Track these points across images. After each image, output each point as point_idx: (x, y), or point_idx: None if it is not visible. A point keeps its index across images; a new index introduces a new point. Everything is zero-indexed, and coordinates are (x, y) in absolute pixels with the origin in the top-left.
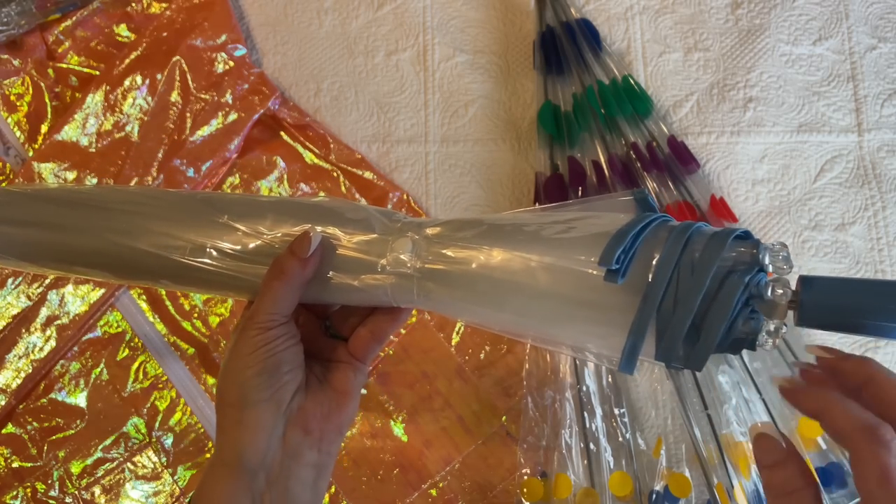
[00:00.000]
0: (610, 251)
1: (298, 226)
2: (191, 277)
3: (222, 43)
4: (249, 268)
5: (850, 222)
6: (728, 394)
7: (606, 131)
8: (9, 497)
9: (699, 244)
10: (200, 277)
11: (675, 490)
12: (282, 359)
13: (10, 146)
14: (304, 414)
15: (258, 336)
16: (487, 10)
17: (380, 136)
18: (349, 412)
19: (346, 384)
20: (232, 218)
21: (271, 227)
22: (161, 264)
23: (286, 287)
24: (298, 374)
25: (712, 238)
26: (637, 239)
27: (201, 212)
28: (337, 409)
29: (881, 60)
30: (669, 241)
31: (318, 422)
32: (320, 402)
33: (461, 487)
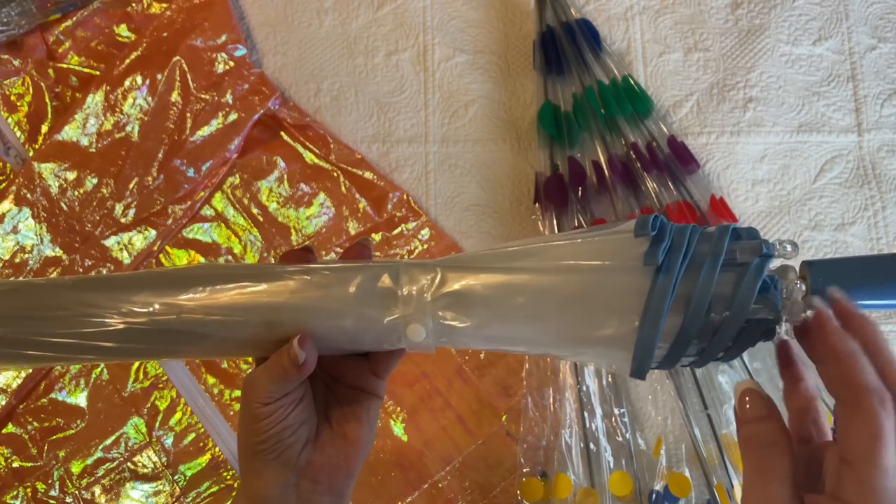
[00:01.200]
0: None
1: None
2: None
3: (222, 43)
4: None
5: (850, 222)
6: (728, 394)
7: (606, 131)
8: (9, 497)
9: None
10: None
11: (675, 490)
12: (285, 425)
13: (10, 146)
14: (313, 467)
15: (259, 409)
16: (487, 10)
17: (380, 136)
18: (359, 460)
19: (358, 432)
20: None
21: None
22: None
23: (284, 379)
24: (305, 431)
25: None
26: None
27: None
28: (346, 461)
29: (881, 60)
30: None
31: (327, 474)
32: (329, 456)
33: (461, 487)
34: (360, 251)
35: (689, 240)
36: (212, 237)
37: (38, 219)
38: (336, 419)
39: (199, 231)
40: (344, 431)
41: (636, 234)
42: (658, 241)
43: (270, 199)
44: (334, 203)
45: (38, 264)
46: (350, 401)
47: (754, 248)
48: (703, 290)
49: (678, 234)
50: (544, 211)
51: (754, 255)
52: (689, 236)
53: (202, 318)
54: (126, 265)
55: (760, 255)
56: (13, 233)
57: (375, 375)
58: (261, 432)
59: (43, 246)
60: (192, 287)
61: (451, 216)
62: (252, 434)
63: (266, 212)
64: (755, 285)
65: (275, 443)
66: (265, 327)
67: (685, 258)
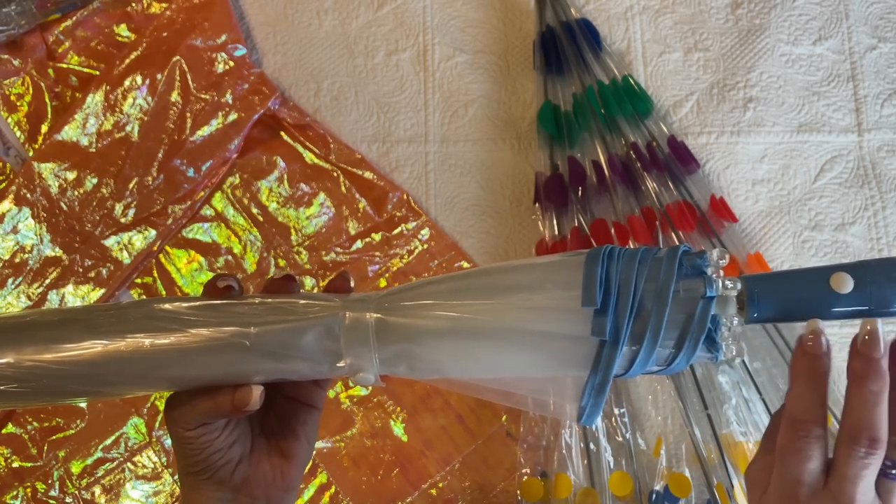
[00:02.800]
0: (589, 290)
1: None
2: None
3: (222, 43)
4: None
5: (850, 222)
6: (728, 394)
7: (606, 131)
8: (9, 497)
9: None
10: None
11: (675, 490)
12: (213, 449)
13: (10, 146)
14: (248, 484)
15: (183, 433)
16: (487, 10)
17: (380, 136)
18: (296, 473)
19: (294, 448)
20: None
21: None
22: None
23: (215, 415)
24: (237, 450)
25: (666, 261)
26: (604, 269)
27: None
28: (282, 475)
29: (881, 60)
30: (632, 267)
31: (263, 489)
32: (264, 471)
33: (461, 487)
34: (342, 285)
35: (636, 286)
36: (212, 237)
37: (37, 219)
38: (272, 434)
39: (199, 231)
40: (280, 447)
41: (583, 304)
42: (603, 312)
43: (270, 199)
44: (334, 203)
45: (37, 264)
46: (287, 413)
47: (697, 289)
48: (651, 340)
49: (624, 283)
50: (544, 211)
51: (697, 294)
52: (636, 281)
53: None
54: (126, 265)
55: (703, 297)
56: (13, 233)
57: (316, 385)
58: (189, 455)
59: (43, 246)
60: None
61: (451, 216)
62: (182, 456)
63: (266, 212)
64: (701, 331)
65: (205, 466)
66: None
67: (632, 311)
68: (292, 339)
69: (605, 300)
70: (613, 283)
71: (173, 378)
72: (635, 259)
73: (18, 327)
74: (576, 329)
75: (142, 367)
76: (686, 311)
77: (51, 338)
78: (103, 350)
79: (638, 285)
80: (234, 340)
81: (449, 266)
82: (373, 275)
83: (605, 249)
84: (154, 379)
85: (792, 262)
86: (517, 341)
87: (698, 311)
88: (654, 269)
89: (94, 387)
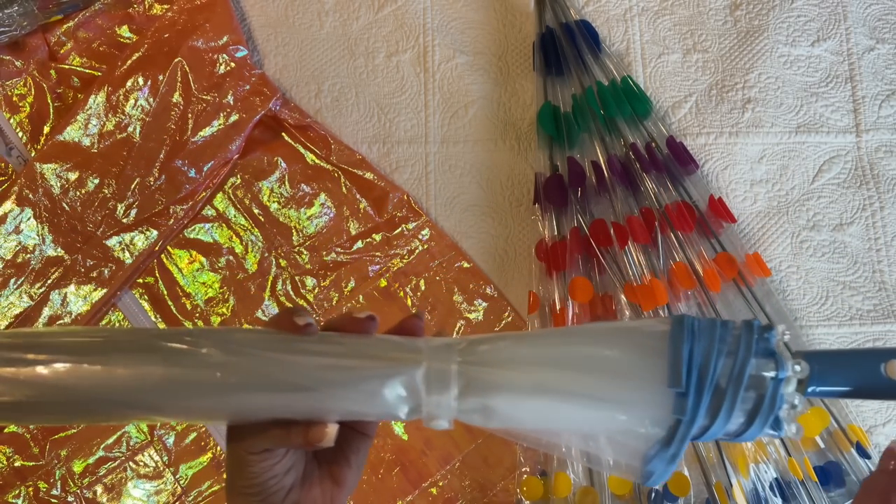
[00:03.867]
0: (675, 372)
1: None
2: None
3: (224, 44)
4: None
5: (848, 222)
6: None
7: (606, 132)
8: (11, 496)
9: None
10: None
11: (675, 489)
12: (272, 474)
13: (12, 146)
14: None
15: (246, 457)
16: (487, 11)
17: (380, 137)
18: (344, 499)
19: (346, 474)
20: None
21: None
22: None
23: (284, 445)
24: (292, 476)
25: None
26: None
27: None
28: (331, 501)
29: (879, 61)
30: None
31: None
32: (314, 497)
33: (461, 486)
34: (415, 324)
35: (715, 367)
36: (213, 237)
37: (39, 219)
38: (325, 460)
39: (201, 231)
40: (332, 473)
41: (670, 385)
42: (684, 392)
43: (271, 200)
44: (335, 203)
45: (39, 264)
46: (341, 441)
47: (769, 370)
48: (724, 417)
49: (704, 364)
50: (544, 211)
51: (769, 375)
52: (715, 361)
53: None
54: (128, 265)
55: (774, 378)
56: (15, 233)
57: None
58: (246, 478)
59: (45, 246)
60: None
61: (451, 216)
62: (238, 477)
63: (267, 212)
64: (771, 411)
65: (260, 490)
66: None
67: (711, 392)
68: (373, 387)
69: (686, 380)
70: (695, 363)
71: (245, 411)
72: (714, 338)
73: (91, 349)
74: (655, 397)
75: (209, 402)
76: (757, 390)
77: (122, 362)
78: (168, 376)
79: (717, 366)
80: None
81: (449, 266)
82: (373, 274)
83: (687, 325)
84: (221, 412)
85: (790, 261)
86: (597, 404)
87: (769, 392)
88: (732, 346)
89: (148, 411)
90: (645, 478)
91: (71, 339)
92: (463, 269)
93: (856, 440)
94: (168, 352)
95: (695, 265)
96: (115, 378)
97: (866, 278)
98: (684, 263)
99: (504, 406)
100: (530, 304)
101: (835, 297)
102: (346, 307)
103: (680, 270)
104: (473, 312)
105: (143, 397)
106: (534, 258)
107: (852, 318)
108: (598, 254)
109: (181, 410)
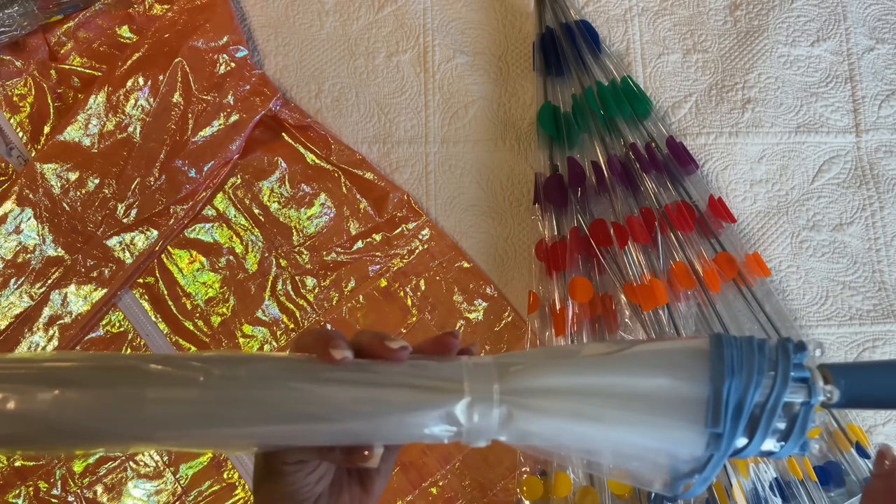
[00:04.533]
0: (716, 415)
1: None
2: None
3: (224, 44)
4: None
5: (848, 222)
6: None
7: (606, 132)
8: (11, 495)
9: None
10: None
11: None
12: (306, 482)
13: (12, 146)
14: None
15: (283, 467)
16: (487, 11)
17: (380, 137)
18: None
19: (375, 482)
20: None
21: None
22: None
23: (324, 459)
24: (324, 484)
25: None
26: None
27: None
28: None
29: (879, 61)
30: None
31: None
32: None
33: (461, 486)
34: (450, 343)
35: (751, 400)
36: (213, 237)
37: (40, 219)
38: (354, 470)
39: (201, 231)
40: (361, 481)
41: (708, 426)
42: (721, 434)
43: (272, 200)
44: (335, 203)
45: (40, 264)
46: None
47: (802, 396)
48: (756, 444)
49: (742, 400)
50: (544, 211)
51: (801, 400)
52: (752, 394)
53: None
54: (128, 265)
55: (805, 403)
56: (15, 233)
57: None
58: (282, 485)
59: (45, 246)
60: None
61: (451, 216)
62: (271, 483)
63: (267, 212)
64: (802, 434)
65: (291, 497)
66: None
67: (745, 423)
68: (416, 420)
69: (724, 421)
70: (732, 399)
71: (279, 441)
72: (753, 370)
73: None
74: (692, 435)
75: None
76: (788, 414)
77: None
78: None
79: (753, 398)
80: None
81: (449, 266)
82: (373, 274)
83: (727, 357)
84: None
85: (790, 261)
86: (635, 432)
87: (800, 417)
88: (768, 377)
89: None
90: (676, 494)
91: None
92: (463, 269)
93: (855, 440)
94: (201, 382)
95: (695, 265)
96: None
97: (866, 278)
98: (684, 263)
99: (543, 430)
100: (530, 304)
101: (834, 297)
102: (346, 307)
103: (680, 270)
104: (473, 312)
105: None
106: (534, 258)
107: (852, 318)
108: (598, 254)
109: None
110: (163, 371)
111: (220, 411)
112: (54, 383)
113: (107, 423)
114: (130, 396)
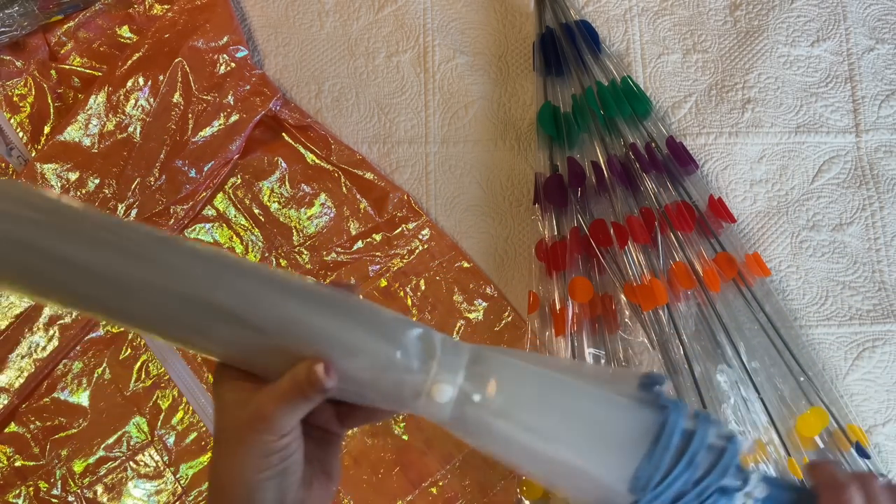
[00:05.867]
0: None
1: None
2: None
3: (224, 44)
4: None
5: (848, 222)
6: (727, 393)
7: (606, 132)
8: (11, 496)
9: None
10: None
11: None
12: (293, 461)
13: (12, 147)
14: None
15: (275, 443)
16: (487, 11)
17: (380, 137)
18: (333, 493)
19: (334, 468)
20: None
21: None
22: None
23: (310, 404)
24: (300, 469)
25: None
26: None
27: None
28: (328, 497)
29: (879, 61)
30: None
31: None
32: (316, 493)
33: (461, 486)
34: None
35: (682, 485)
36: (214, 237)
37: None
38: (316, 457)
39: (202, 231)
40: (324, 468)
41: (630, 490)
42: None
43: (272, 200)
44: (335, 203)
45: None
46: (321, 440)
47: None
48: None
49: (678, 490)
50: (544, 211)
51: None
52: (685, 485)
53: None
54: None
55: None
56: None
57: (341, 424)
58: (270, 467)
59: None
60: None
61: (451, 216)
62: (258, 471)
63: (267, 212)
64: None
65: (281, 479)
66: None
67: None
68: (397, 326)
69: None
70: (661, 471)
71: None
72: (694, 468)
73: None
74: (620, 483)
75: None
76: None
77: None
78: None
79: (684, 483)
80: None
81: (449, 266)
82: (373, 274)
83: (671, 445)
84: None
85: (790, 261)
86: (574, 459)
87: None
88: (703, 470)
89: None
90: None
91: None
92: (463, 269)
93: (855, 440)
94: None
95: (694, 265)
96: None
97: (866, 278)
98: (684, 263)
99: (512, 379)
100: (530, 304)
101: (834, 297)
102: None
103: (680, 270)
104: (473, 312)
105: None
106: (534, 258)
107: (852, 318)
108: (598, 254)
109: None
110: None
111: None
112: None
113: None
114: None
